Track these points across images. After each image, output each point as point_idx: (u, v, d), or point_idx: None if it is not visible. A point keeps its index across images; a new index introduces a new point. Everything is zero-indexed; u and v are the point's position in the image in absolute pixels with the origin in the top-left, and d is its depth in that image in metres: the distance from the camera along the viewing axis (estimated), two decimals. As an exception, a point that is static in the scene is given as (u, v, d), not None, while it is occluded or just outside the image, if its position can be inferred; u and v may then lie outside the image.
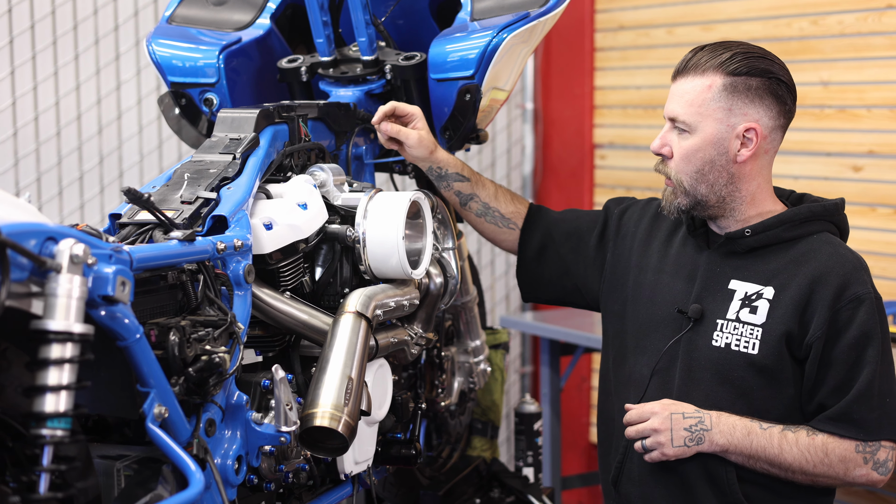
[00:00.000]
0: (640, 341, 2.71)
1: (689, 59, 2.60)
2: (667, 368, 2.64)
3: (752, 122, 2.55)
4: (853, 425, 2.50)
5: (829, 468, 2.51)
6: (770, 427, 2.52)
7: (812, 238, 2.60)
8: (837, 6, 4.42)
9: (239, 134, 2.61)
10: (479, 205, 2.99)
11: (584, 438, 5.62)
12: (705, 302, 2.62)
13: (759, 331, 2.55)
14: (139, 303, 2.05)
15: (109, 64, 4.59)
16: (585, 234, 2.93)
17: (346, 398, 2.36)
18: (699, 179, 2.59)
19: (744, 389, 2.56)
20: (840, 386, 2.51)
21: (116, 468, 2.08)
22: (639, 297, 2.74)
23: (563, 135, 5.65)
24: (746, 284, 2.60)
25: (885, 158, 4.28)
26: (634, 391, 2.69)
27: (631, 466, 2.68)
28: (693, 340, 2.62)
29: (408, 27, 3.29)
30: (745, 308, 2.57)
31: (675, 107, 2.60)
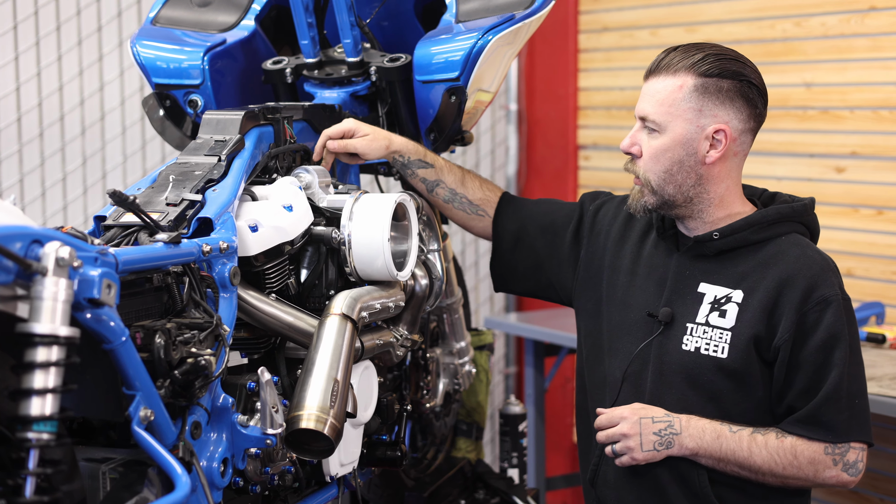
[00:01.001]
0: (613, 343, 2.70)
1: (662, 59, 2.60)
2: (638, 372, 2.64)
3: (721, 123, 2.54)
4: (821, 428, 2.50)
5: (799, 470, 2.51)
6: (740, 430, 2.52)
7: (780, 240, 2.59)
8: (820, 8, 4.44)
9: (224, 136, 2.61)
10: (446, 191, 2.96)
11: (568, 439, 5.62)
12: (675, 305, 2.62)
13: (729, 335, 2.55)
14: (125, 305, 2.05)
15: (93, 65, 4.58)
16: (560, 229, 2.91)
17: (331, 400, 2.36)
18: (667, 179, 2.58)
19: (714, 393, 2.56)
20: (808, 388, 2.50)
21: (102, 471, 2.07)
22: (612, 299, 2.74)
23: (547, 136, 5.65)
24: (715, 288, 2.59)
25: (867, 160, 4.30)
26: (608, 393, 2.69)
27: (606, 469, 2.68)
28: (664, 344, 2.61)
29: (393, 29, 3.30)
30: (714, 312, 2.57)
31: (645, 106, 2.60)
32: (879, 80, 4.25)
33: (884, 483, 4.20)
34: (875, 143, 4.27)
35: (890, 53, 4.21)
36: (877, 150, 4.27)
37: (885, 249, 4.25)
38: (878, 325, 4.04)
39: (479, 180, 3.01)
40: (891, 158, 4.23)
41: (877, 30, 4.25)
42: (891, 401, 3.28)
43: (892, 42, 4.21)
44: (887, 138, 4.23)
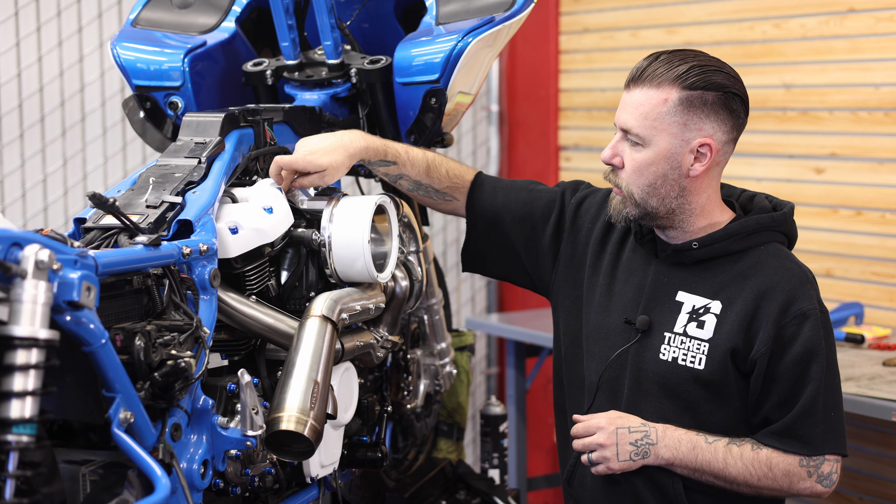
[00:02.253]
0: (591, 346, 2.70)
1: (645, 69, 2.55)
2: (615, 378, 2.64)
3: (706, 137, 2.51)
4: (797, 441, 2.50)
5: (774, 482, 2.51)
6: (716, 441, 2.52)
7: (759, 250, 2.58)
8: (800, 10, 4.46)
9: (204, 138, 2.61)
10: (409, 182, 2.88)
11: (549, 439, 5.63)
12: (653, 313, 2.60)
13: (706, 346, 2.53)
14: (104, 308, 2.05)
15: (73, 66, 4.57)
16: (539, 222, 2.86)
17: (312, 402, 2.36)
18: (650, 193, 2.54)
19: (690, 403, 2.55)
20: (784, 401, 2.51)
21: (82, 473, 2.08)
22: (592, 300, 2.72)
23: (529, 137, 5.67)
24: (694, 297, 2.58)
25: (846, 161, 4.32)
26: (585, 396, 2.69)
27: (583, 472, 2.68)
28: (640, 352, 2.60)
29: (373, 31, 3.30)
30: (692, 322, 2.56)
31: (628, 118, 2.55)
32: (858, 82, 4.27)
33: (863, 482, 4.22)
34: (854, 144, 4.30)
35: (868, 55, 4.24)
36: (856, 151, 4.30)
37: (863, 250, 4.27)
38: (857, 326, 4.06)
39: (446, 167, 2.90)
40: (869, 159, 4.25)
41: (855, 31, 4.27)
42: (869, 401, 3.29)
43: (870, 43, 4.23)
44: (866, 139, 4.25)
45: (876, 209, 4.23)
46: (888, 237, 4.20)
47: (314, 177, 2.67)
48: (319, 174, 2.67)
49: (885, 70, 4.19)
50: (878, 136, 4.22)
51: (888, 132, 4.18)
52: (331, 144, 2.70)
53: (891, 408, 3.25)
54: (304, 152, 2.67)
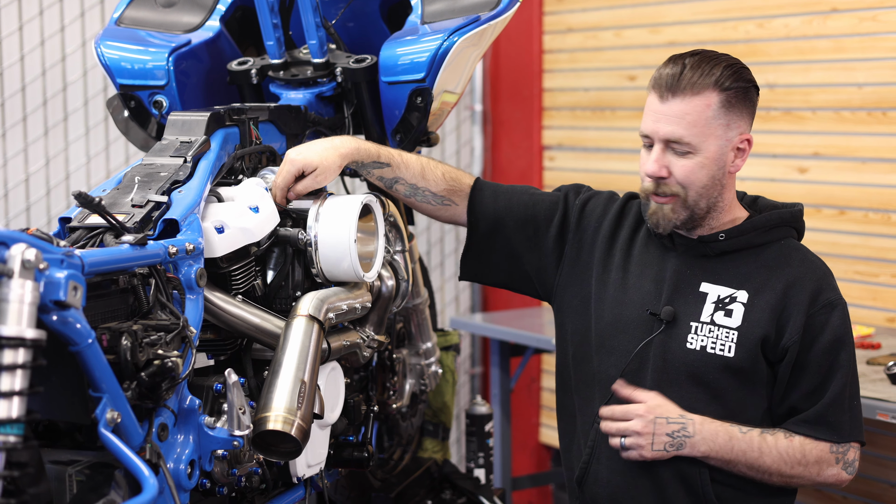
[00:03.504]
0: (607, 341, 2.69)
1: (679, 78, 2.56)
2: (637, 370, 2.64)
3: (744, 132, 2.60)
4: (827, 428, 2.55)
5: (805, 469, 2.56)
6: (749, 431, 2.55)
7: (780, 244, 2.65)
8: (783, 9, 4.47)
9: (189, 137, 2.60)
10: (406, 187, 2.86)
11: (534, 439, 5.64)
12: (677, 304, 2.63)
13: (735, 334, 2.58)
14: (91, 307, 2.04)
15: (56, 65, 4.56)
16: (542, 223, 2.86)
17: (298, 402, 2.36)
18: (702, 195, 2.59)
19: (719, 391, 2.58)
20: (814, 390, 2.56)
21: (68, 473, 2.06)
22: (604, 296, 2.73)
23: (512, 136, 5.67)
24: (718, 288, 2.62)
25: (829, 160, 4.33)
26: (600, 392, 2.68)
27: (598, 468, 2.68)
28: (666, 343, 2.62)
29: (358, 30, 3.29)
30: (719, 311, 2.60)
31: (675, 129, 2.56)
32: (841, 82, 4.28)
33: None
34: (837, 143, 4.31)
35: (852, 54, 4.25)
36: (839, 150, 4.31)
37: (847, 249, 4.29)
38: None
39: (442, 170, 2.90)
40: (852, 159, 4.26)
41: (838, 31, 4.28)
42: (853, 399, 3.30)
43: (853, 43, 4.24)
44: (849, 139, 4.26)
45: (859, 208, 4.24)
46: (871, 236, 4.21)
47: (308, 179, 2.66)
48: (313, 175, 2.66)
49: (867, 70, 4.21)
50: (860, 136, 4.23)
51: (871, 132, 4.19)
52: (321, 146, 2.70)
53: (875, 406, 3.26)
54: (295, 154, 2.67)
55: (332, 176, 2.70)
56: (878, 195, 4.19)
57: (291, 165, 2.66)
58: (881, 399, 3.27)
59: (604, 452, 2.67)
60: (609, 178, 5.08)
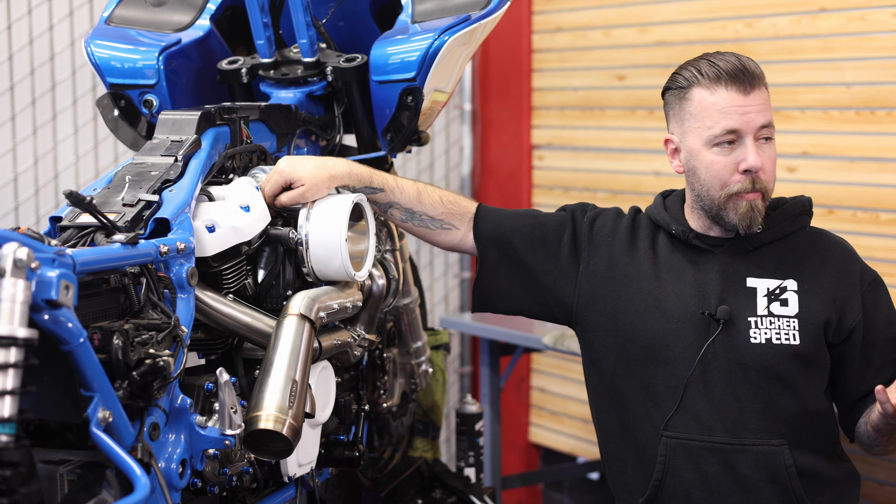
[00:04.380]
0: (658, 353, 2.66)
1: (747, 70, 2.61)
2: (703, 374, 2.62)
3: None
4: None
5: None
6: None
7: (806, 231, 2.74)
8: (771, 9, 4.48)
9: (180, 136, 2.60)
10: (401, 211, 2.84)
11: (523, 438, 5.64)
12: (729, 302, 2.63)
13: (796, 321, 2.62)
14: (82, 306, 2.04)
15: (44, 64, 4.55)
16: (552, 242, 2.83)
17: (290, 401, 2.36)
18: (774, 179, 2.69)
19: (790, 381, 2.61)
20: (885, 363, 2.66)
21: (59, 473, 2.06)
22: (639, 308, 2.69)
23: (502, 136, 5.67)
24: (765, 281, 2.66)
25: (818, 159, 4.34)
26: (660, 403, 2.65)
27: (674, 482, 2.63)
28: (728, 342, 2.61)
29: (349, 29, 3.29)
30: (774, 302, 2.63)
31: (766, 116, 2.62)
32: (830, 81, 4.29)
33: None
34: (826, 142, 4.32)
35: (840, 54, 4.26)
36: (827, 149, 4.32)
37: (835, 248, 4.29)
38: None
39: (439, 193, 2.87)
40: (841, 158, 4.27)
41: (827, 31, 4.29)
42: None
43: (842, 43, 4.25)
44: (837, 138, 4.27)
45: (848, 207, 4.25)
46: (860, 235, 4.22)
47: (294, 192, 2.66)
48: (300, 190, 2.65)
49: (856, 69, 4.22)
50: (849, 135, 4.24)
51: (859, 131, 4.20)
52: (313, 164, 2.70)
53: (864, 405, 3.27)
54: (286, 165, 2.67)
55: (318, 195, 2.68)
56: (866, 194, 4.20)
57: (280, 176, 2.66)
58: (870, 397, 3.29)
59: (680, 465, 2.63)
60: (598, 178, 5.09)
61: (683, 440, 2.62)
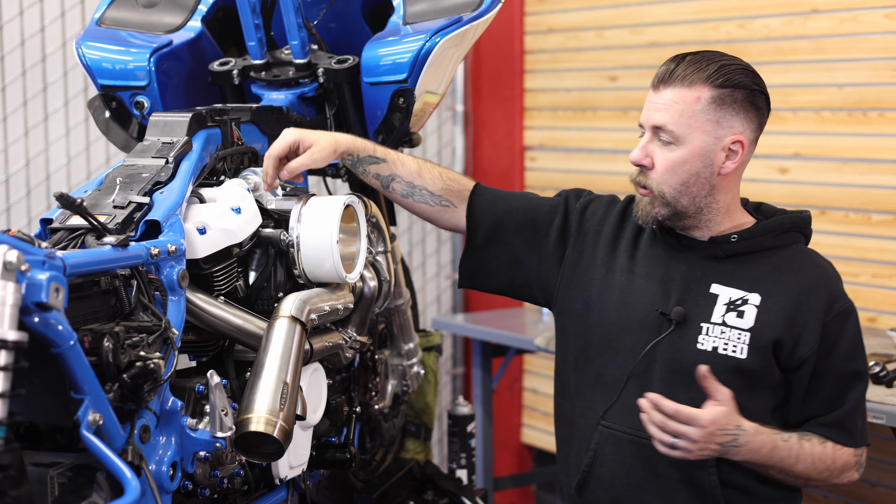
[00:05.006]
0: (612, 343, 2.67)
1: (674, 70, 2.57)
2: (644, 371, 2.62)
3: (738, 134, 2.55)
4: (845, 433, 2.57)
5: (831, 474, 2.58)
6: (790, 438, 2.54)
7: (790, 248, 2.64)
8: (764, 10, 4.48)
9: (171, 138, 2.60)
10: (403, 185, 2.83)
11: (515, 439, 5.64)
12: (687, 305, 2.61)
13: (747, 336, 2.56)
14: (72, 309, 2.03)
15: (36, 65, 4.54)
16: (542, 227, 2.83)
17: (281, 403, 2.36)
18: (682, 191, 2.57)
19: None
20: (833, 397, 2.57)
21: (50, 476, 2.06)
22: (607, 298, 2.70)
23: (494, 137, 5.67)
24: (730, 290, 2.60)
25: (810, 160, 4.35)
26: (605, 393, 2.66)
27: (600, 470, 2.65)
28: (675, 343, 2.60)
29: (340, 30, 3.29)
30: (731, 312, 2.58)
31: (661, 116, 2.56)
32: (822, 82, 4.30)
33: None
34: (818, 143, 4.32)
35: (832, 55, 4.26)
36: (819, 150, 4.32)
37: (827, 249, 4.27)
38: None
39: (438, 169, 2.88)
40: (833, 159, 4.28)
41: (819, 32, 4.30)
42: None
43: (834, 44, 4.26)
44: (829, 139, 4.28)
45: (839, 208, 4.26)
46: (851, 236, 4.23)
47: (303, 157, 2.67)
48: (308, 153, 2.68)
49: (848, 70, 4.22)
50: (841, 136, 4.25)
51: (851, 132, 4.21)
52: (320, 131, 2.75)
53: (856, 406, 3.27)
54: (293, 130, 2.71)
55: (325, 156, 2.70)
56: (858, 195, 4.21)
57: (289, 135, 2.69)
58: (862, 399, 3.29)
59: (608, 455, 2.65)
60: (591, 179, 5.09)
61: (615, 431, 2.64)
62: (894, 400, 3.28)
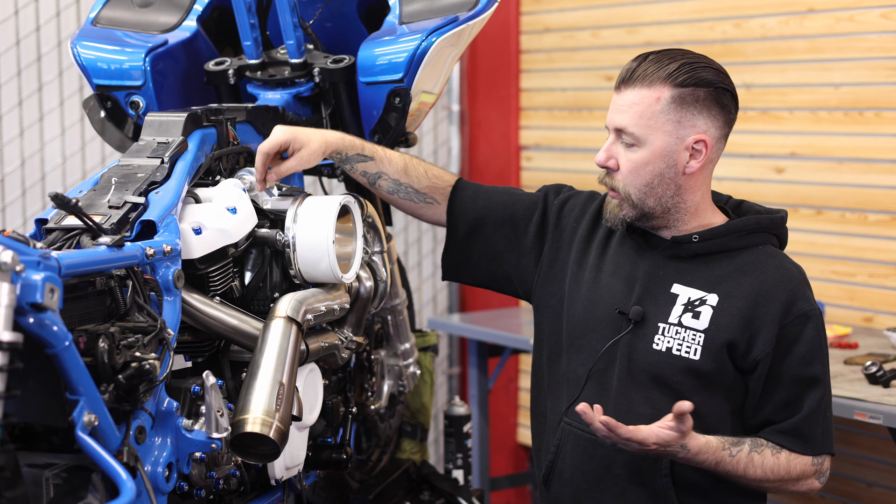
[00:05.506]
0: (576, 340, 2.68)
1: (634, 70, 2.55)
2: (604, 370, 2.62)
3: (701, 133, 2.53)
4: (802, 441, 2.53)
5: (784, 483, 2.55)
6: (738, 452, 2.50)
7: (757, 249, 2.60)
8: (760, 10, 4.48)
9: (167, 138, 2.59)
10: (389, 182, 2.86)
11: (512, 439, 5.64)
12: (646, 304, 2.60)
13: (702, 336, 2.54)
14: (67, 309, 2.02)
15: (31, 65, 4.53)
16: (521, 222, 2.85)
17: (277, 404, 2.35)
18: (648, 192, 2.56)
19: (680, 394, 2.53)
20: (788, 402, 2.53)
21: (45, 477, 2.04)
22: (576, 296, 2.71)
23: (490, 137, 5.67)
24: (690, 290, 2.58)
25: (806, 160, 4.35)
26: (568, 390, 2.67)
27: (563, 467, 2.67)
28: (633, 343, 2.60)
29: (336, 30, 3.29)
30: (687, 313, 2.56)
31: (622, 118, 2.56)
32: (818, 82, 4.30)
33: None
34: (814, 143, 4.32)
35: (828, 55, 4.26)
36: (815, 150, 4.32)
37: (823, 249, 4.30)
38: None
39: (424, 167, 2.90)
40: (829, 159, 4.28)
41: (815, 31, 4.30)
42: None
43: (830, 43, 4.26)
44: (826, 139, 4.28)
45: (836, 208, 4.26)
46: (848, 236, 4.23)
47: (292, 160, 2.70)
48: (297, 156, 2.69)
49: (844, 70, 4.22)
50: (837, 136, 4.25)
51: (848, 132, 4.21)
52: (309, 128, 2.76)
53: (852, 406, 3.27)
54: (284, 128, 2.71)
55: (314, 159, 2.72)
56: (854, 195, 4.21)
57: (280, 134, 2.69)
58: (858, 399, 3.29)
59: (569, 451, 2.66)
60: (586, 179, 5.06)
61: (576, 429, 2.64)
62: (891, 400, 3.27)
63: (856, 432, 4.15)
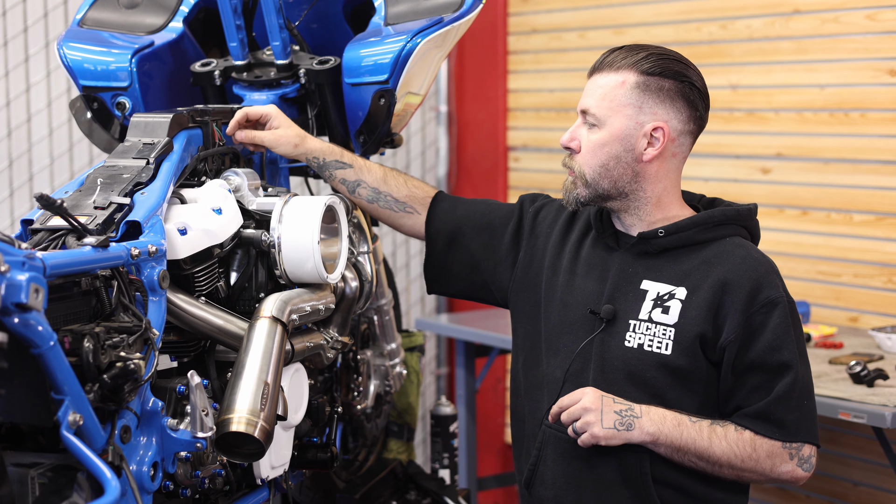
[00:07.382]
0: (553, 343, 2.70)
1: (606, 57, 2.62)
2: (580, 371, 2.63)
3: (660, 121, 2.56)
4: (771, 424, 2.51)
5: (757, 463, 2.52)
6: (699, 420, 2.52)
7: (724, 241, 2.61)
8: (746, 11, 4.50)
9: (152, 138, 2.60)
10: (368, 190, 2.92)
11: (499, 439, 5.65)
12: (617, 302, 2.61)
13: (672, 331, 2.55)
14: (52, 309, 2.03)
15: (19, 66, 4.53)
16: (498, 229, 2.89)
17: (262, 403, 2.36)
18: (602, 174, 2.59)
19: (656, 390, 2.55)
20: (758, 388, 2.52)
21: (31, 476, 2.05)
22: (551, 299, 2.73)
23: (477, 137, 5.68)
24: (658, 285, 2.60)
25: (792, 161, 4.36)
26: (548, 394, 2.68)
27: (544, 469, 2.67)
28: (606, 341, 2.61)
29: (322, 31, 3.29)
30: (657, 308, 2.57)
31: (587, 100, 2.61)
32: (803, 83, 4.31)
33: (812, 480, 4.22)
34: (799, 144, 4.34)
35: (813, 56, 4.28)
36: (801, 151, 4.34)
37: (809, 249, 4.32)
38: (804, 325, 4.10)
39: (403, 178, 2.96)
40: (815, 159, 4.29)
41: (801, 32, 4.31)
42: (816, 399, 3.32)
43: (815, 45, 4.27)
44: (811, 139, 4.30)
45: (821, 209, 4.28)
46: (833, 236, 4.25)
47: (265, 133, 2.85)
48: (272, 132, 2.84)
49: (830, 71, 4.24)
50: (823, 137, 4.26)
51: (833, 132, 4.22)
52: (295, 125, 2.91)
53: (837, 406, 3.28)
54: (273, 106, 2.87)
55: (285, 143, 2.88)
56: (840, 195, 4.22)
57: (269, 107, 2.89)
58: (843, 398, 3.30)
59: (549, 454, 2.66)
60: (574, 179, 5.09)
61: (556, 431, 2.65)
62: (875, 399, 3.28)
63: (842, 432, 4.16)
